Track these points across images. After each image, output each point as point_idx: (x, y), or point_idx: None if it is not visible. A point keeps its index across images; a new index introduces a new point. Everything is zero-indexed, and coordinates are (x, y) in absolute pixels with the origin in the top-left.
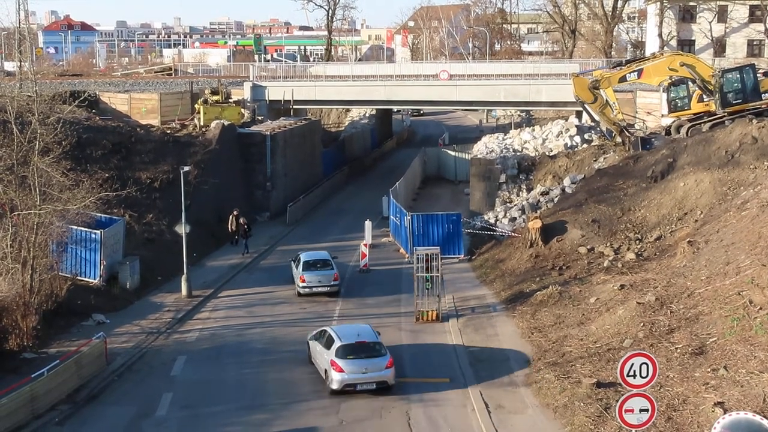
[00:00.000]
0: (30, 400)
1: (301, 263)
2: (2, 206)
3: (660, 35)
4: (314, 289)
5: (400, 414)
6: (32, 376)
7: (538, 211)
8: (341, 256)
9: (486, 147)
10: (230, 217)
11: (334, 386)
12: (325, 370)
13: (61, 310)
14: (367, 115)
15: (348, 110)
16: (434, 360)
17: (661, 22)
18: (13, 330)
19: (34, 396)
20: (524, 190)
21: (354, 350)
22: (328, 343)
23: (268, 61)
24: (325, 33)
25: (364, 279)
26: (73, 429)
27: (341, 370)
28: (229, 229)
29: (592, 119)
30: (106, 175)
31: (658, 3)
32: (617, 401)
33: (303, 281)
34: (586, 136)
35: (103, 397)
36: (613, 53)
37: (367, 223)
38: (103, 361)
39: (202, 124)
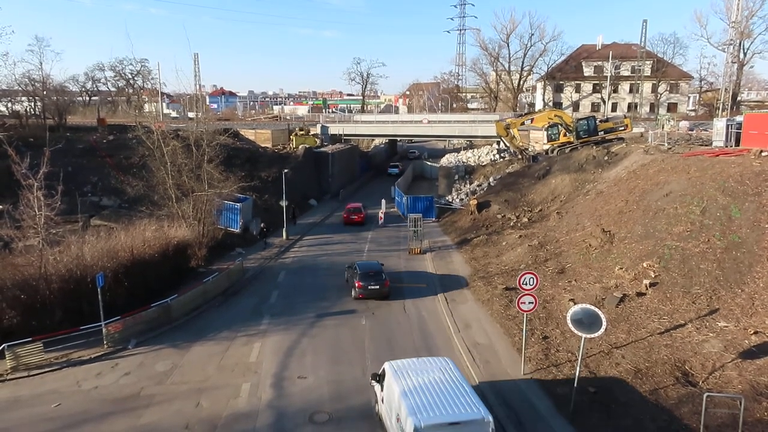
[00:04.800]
0: (203, 293)
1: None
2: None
3: (543, 100)
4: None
5: (399, 303)
6: (204, 281)
7: (476, 195)
8: (367, 219)
9: (447, 160)
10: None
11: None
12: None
13: (218, 245)
14: (383, 142)
15: (373, 140)
16: (419, 274)
17: (544, 92)
18: (194, 256)
19: (205, 291)
20: (468, 183)
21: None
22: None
23: (332, 112)
24: (361, 97)
25: (381, 230)
26: (225, 309)
27: (360, 285)
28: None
29: (506, 145)
30: (243, 173)
31: (543, 82)
32: (517, 298)
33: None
34: (502, 154)
35: (241, 293)
36: (517, 109)
37: (383, 201)
38: (241, 273)
39: (294, 146)
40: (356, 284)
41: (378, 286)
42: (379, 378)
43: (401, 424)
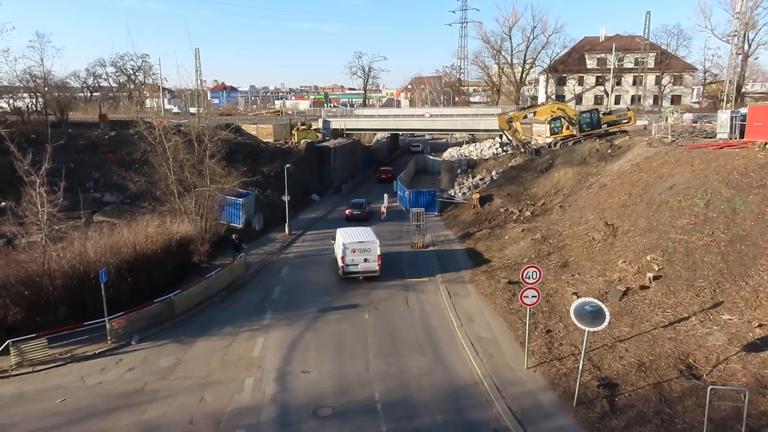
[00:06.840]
0: (205, 289)
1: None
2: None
3: (546, 92)
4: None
5: (403, 297)
6: (206, 276)
7: (478, 189)
8: (372, 214)
9: (450, 154)
10: (233, 238)
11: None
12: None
13: (221, 241)
14: (385, 136)
15: (375, 134)
16: (421, 269)
17: (546, 85)
18: (196, 252)
19: (208, 287)
20: (470, 177)
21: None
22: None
23: (333, 107)
24: (362, 91)
25: (383, 224)
26: (228, 304)
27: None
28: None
29: (508, 139)
30: (245, 168)
31: (545, 74)
32: (520, 291)
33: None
34: (504, 148)
35: (244, 288)
36: (519, 102)
37: (385, 195)
38: (244, 269)
39: (295, 141)
40: (345, 211)
41: (359, 212)
42: (334, 238)
43: (340, 247)
